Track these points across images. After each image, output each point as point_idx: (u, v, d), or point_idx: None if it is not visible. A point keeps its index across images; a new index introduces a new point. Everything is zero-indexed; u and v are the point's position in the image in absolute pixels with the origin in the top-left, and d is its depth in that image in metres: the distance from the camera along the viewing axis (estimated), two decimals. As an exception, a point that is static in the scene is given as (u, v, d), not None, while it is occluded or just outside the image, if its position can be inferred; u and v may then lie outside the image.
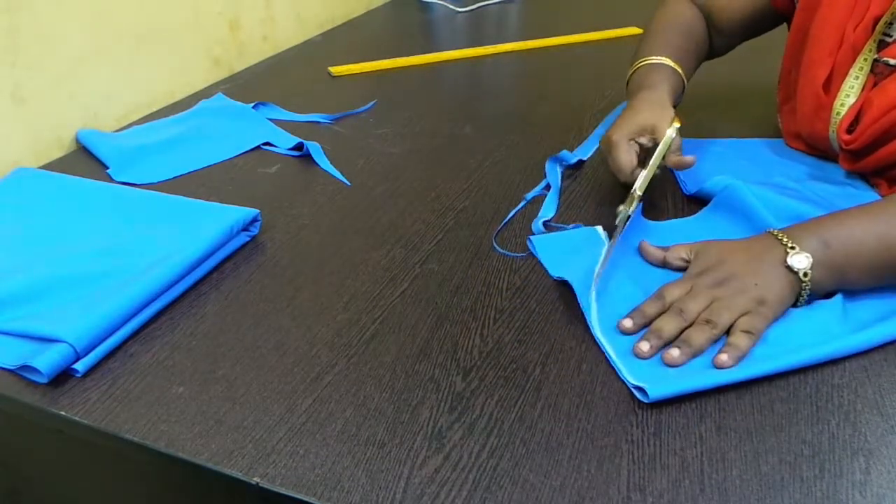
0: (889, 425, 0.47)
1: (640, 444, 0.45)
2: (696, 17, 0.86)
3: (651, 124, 0.69)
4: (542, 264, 0.63)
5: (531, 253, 0.64)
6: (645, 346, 0.51)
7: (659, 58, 0.79)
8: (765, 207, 0.65)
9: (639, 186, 0.65)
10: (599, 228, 0.67)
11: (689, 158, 0.69)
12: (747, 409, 0.48)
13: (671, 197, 0.74)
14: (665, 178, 0.77)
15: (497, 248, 0.65)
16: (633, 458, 0.44)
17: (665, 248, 0.61)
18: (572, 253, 0.63)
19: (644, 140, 0.69)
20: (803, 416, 0.47)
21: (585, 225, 0.68)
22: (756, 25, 0.85)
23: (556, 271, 0.61)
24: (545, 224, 0.69)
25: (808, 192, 0.70)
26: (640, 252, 0.62)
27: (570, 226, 0.68)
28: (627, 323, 0.53)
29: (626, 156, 0.68)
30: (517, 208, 0.72)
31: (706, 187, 0.71)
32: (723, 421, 0.47)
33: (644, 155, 0.70)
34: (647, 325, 0.53)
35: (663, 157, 0.68)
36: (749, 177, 0.70)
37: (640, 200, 0.65)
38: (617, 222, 0.63)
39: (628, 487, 0.42)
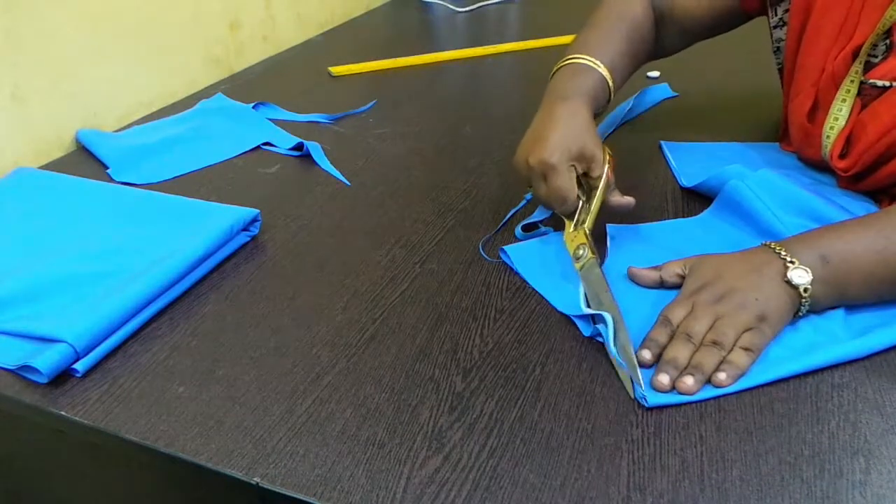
0: (889, 425, 0.47)
1: (640, 444, 0.45)
2: (643, 14, 0.79)
3: (589, 154, 0.63)
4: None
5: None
6: (665, 379, 0.49)
7: (591, 60, 0.71)
8: (772, 200, 0.64)
9: (588, 224, 0.61)
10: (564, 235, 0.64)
11: (629, 199, 0.65)
12: (747, 409, 0.48)
13: (671, 197, 0.74)
14: (665, 178, 0.77)
15: (483, 254, 0.65)
16: (633, 458, 0.44)
17: (657, 268, 0.59)
18: (546, 264, 0.62)
19: (579, 168, 0.63)
20: (803, 416, 0.47)
21: (555, 229, 0.66)
22: (721, 27, 0.81)
23: (552, 298, 0.58)
24: (527, 226, 0.67)
25: (814, 189, 0.70)
26: (632, 278, 0.60)
27: (542, 228, 0.67)
28: (647, 355, 0.51)
29: (570, 182, 0.61)
30: (517, 208, 0.72)
31: (705, 181, 0.71)
32: (723, 421, 0.47)
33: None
34: (660, 352, 0.52)
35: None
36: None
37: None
38: (581, 268, 0.59)
39: (628, 487, 0.42)
